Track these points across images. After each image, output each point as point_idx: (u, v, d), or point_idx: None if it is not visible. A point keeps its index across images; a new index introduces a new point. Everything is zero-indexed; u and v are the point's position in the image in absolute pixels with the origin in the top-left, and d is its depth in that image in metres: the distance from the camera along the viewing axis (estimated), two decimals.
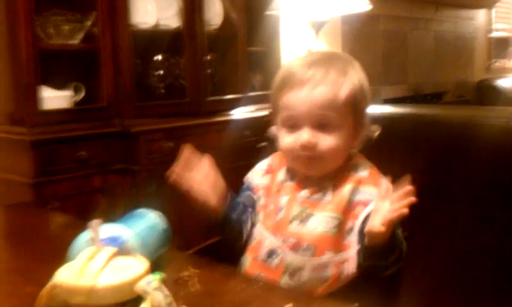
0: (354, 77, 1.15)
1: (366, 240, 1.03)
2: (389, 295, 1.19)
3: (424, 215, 1.55)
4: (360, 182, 1.13)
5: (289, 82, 1.14)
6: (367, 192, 1.12)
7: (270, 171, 1.23)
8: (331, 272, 1.09)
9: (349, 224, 1.11)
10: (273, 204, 1.17)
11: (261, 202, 1.20)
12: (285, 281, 1.10)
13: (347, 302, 0.81)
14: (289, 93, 1.13)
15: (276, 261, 1.12)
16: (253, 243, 1.18)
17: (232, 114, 3.02)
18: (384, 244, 1.00)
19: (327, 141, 1.11)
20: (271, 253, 1.13)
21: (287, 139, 1.15)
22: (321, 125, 1.12)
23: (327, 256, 1.09)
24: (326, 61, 1.15)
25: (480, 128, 1.54)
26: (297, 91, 1.12)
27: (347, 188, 1.12)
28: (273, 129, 1.22)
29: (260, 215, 1.19)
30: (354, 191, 1.12)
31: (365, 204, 1.11)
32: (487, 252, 1.46)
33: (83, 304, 0.62)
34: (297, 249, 1.11)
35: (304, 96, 1.11)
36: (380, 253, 1.02)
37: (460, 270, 1.53)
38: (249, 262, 1.16)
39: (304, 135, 1.11)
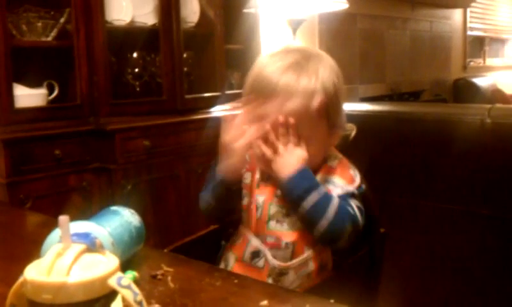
0: (327, 79, 1.12)
1: None
2: (368, 291, 1.19)
3: (403, 212, 1.55)
4: (329, 172, 1.14)
5: (260, 90, 1.11)
6: (334, 183, 1.12)
7: (250, 168, 1.22)
8: (312, 267, 1.10)
9: None
10: (252, 203, 1.17)
11: (244, 202, 1.20)
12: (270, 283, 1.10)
13: (324, 298, 0.80)
14: (260, 102, 1.11)
15: (260, 263, 1.12)
16: (237, 242, 1.18)
17: (210, 112, 3.00)
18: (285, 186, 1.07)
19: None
20: (255, 255, 1.13)
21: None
22: None
23: (306, 253, 1.10)
24: (298, 64, 1.11)
25: (457, 125, 1.55)
26: (267, 101, 1.10)
27: (318, 179, 1.12)
28: None
29: (243, 215, 1.19)
30: (324, 181, 1.13)
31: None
32: (466, 246, 1.47)
33: (52, 301, 0.60)
34: (276, 247, 1.11)
35: (275, 108, 1.09)
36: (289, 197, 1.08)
37: (440, 265, 1.53)
38: (233, 262, 1.16)
39: None
